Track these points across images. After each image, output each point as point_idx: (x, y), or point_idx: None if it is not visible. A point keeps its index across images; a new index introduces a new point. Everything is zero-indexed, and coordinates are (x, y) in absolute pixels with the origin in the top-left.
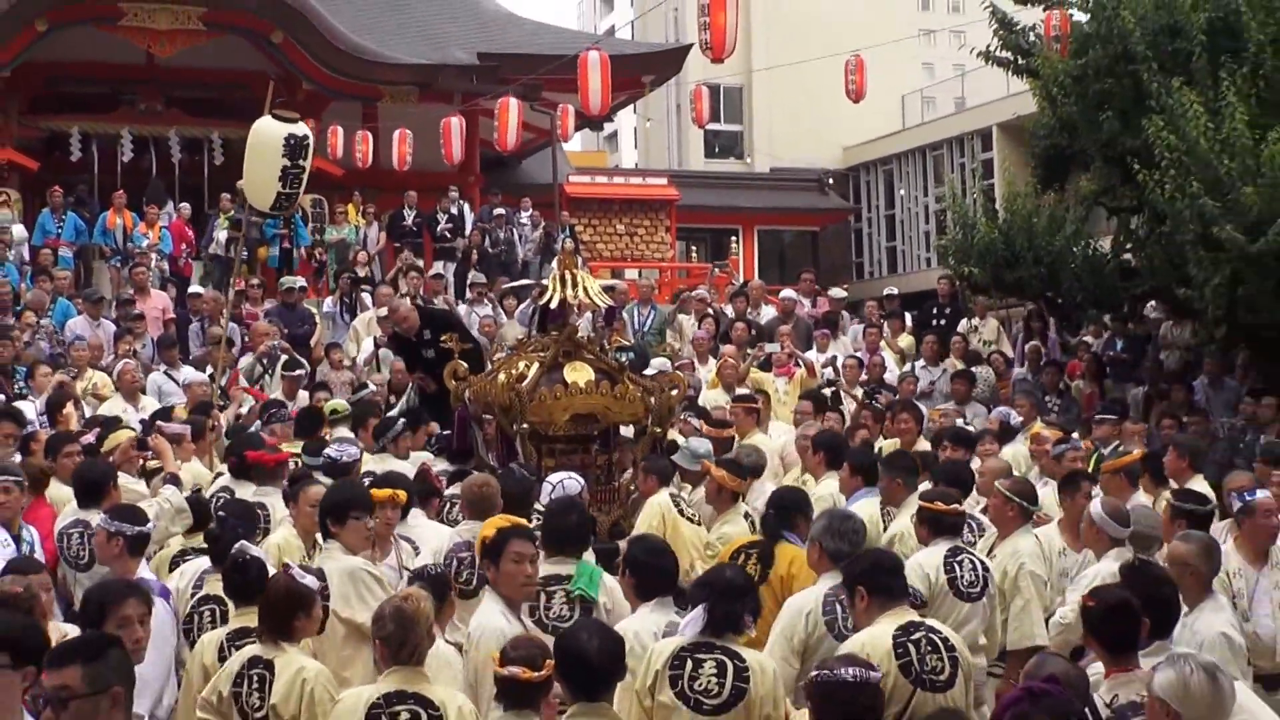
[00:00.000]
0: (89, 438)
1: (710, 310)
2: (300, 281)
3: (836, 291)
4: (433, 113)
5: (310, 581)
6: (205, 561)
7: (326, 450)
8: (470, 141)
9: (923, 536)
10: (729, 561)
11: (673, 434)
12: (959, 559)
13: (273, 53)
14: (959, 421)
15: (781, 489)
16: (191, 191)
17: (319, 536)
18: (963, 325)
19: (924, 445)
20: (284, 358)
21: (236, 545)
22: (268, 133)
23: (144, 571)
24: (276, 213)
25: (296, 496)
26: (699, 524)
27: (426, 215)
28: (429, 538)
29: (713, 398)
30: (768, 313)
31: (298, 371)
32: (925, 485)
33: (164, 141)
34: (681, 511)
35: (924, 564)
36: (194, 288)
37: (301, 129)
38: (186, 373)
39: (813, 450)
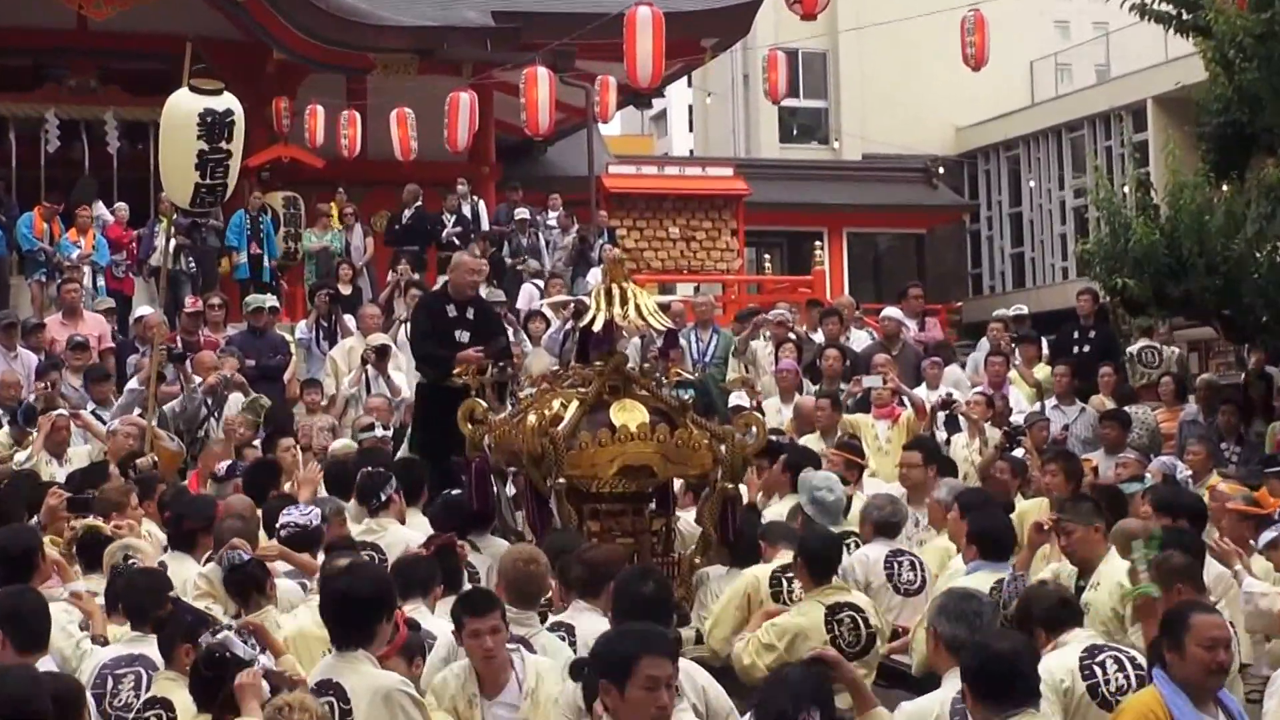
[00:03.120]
0: None
1: (792, 335)
2: (270, 300)
3: (892, 311)
4: (437, 87)
5: None
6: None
7: (286, 518)
8: (484, 123)
9: (1043, 641)
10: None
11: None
12: (1099, 659)
13: (234, 12)
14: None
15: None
16: (133, 188)
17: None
18: (1137, 346)
19: None
20: (231, 397)
21: (219, 636)
22: (181, 109)
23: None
24: (199, 210)
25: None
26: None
27: (429, 216)
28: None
29: None
30: (861, 338)
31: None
32: None
33: (98, 126)
34: (786, 601)
35: (1055, 668)
36: (142, 309)
37: (223, 103)
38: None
39: (960, 513)
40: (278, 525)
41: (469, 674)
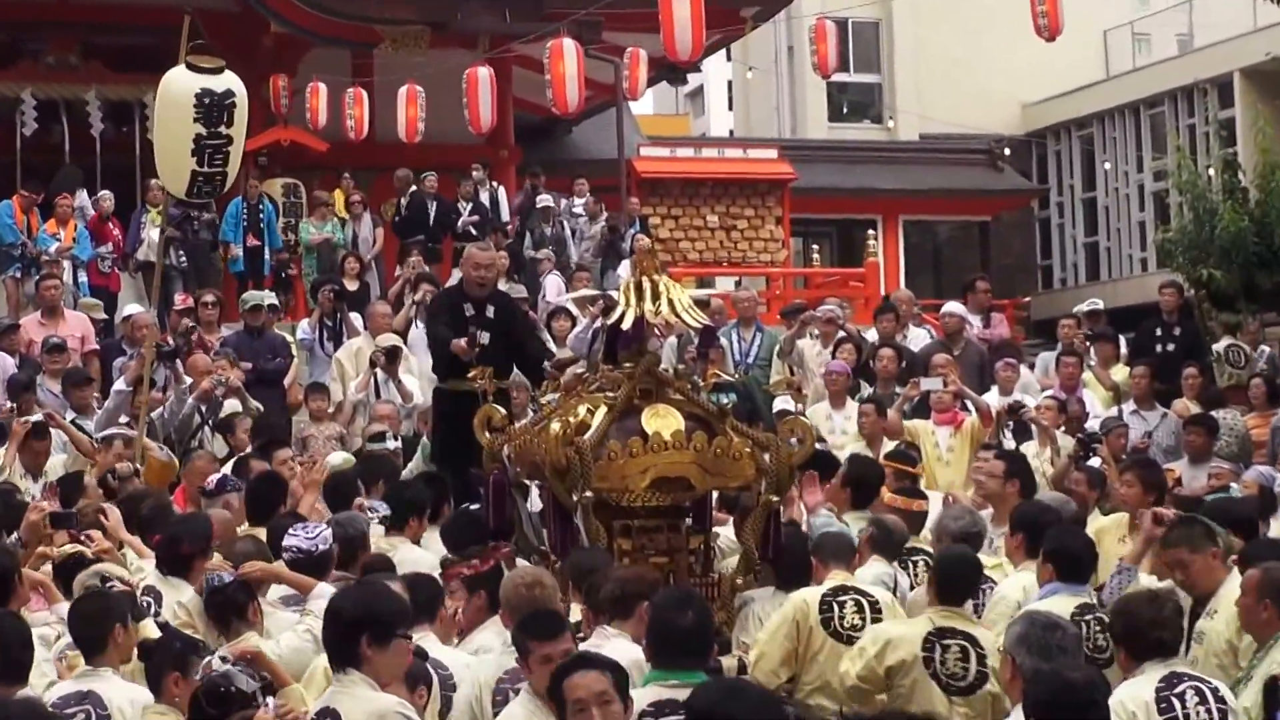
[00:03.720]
0: None
1: (845, 333)
2: (269, 297)
3: (954, 307)
4: (451, 63)
5: None
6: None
7: (290, 541)
8: (503, 102)
9: (1122, 662)
10: None
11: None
12: (1179, 690)
13: None
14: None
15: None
16: (118, 175)
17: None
18: (1223, 345)
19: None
20: (227, 404)
21: (221, 669)
22: (176, 89)
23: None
24: (196, 201)
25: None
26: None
27: (444, 204)
28: (455, 664)
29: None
30: (920, 336)
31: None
32: None
33: (79, 106)
34: (837, 630)
35: (1127, 699)
36: (131, 307)
37: (223, 83)
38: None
39: (1011, 530)
40: (283, 547)
41: (540, 706)
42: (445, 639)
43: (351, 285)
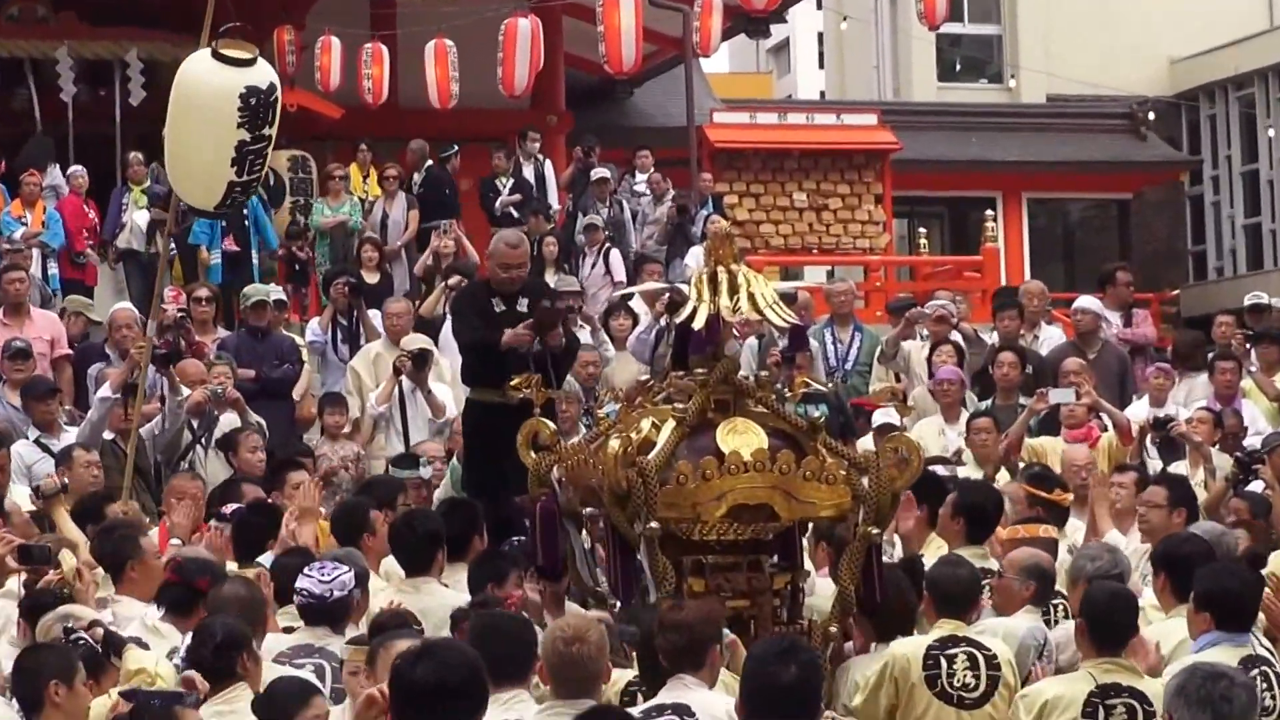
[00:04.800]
0: None
1: (957, 334)
2: (276, 292)
3: (1088, 302)
4: (488, 13)
5: None
6: None
7: (302, 583)
8: (551, 60)
9: None
10: None
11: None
12: None
13: None
14: None
15: None
16: (94, 147)
17: None
18: None
19: None
20: (224, 419)
21: None
22: (207, 83)
23: None
24: (224, 211)
25: (374, 656)
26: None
27: (480, 181)
28: None
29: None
30: (1051, 337)
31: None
32: None
33: (49, 66)
34: (945, 689)
35: None
36: (115, 305)
37: (263, 76)
38: (70, 437)
39: (1154, 569)
40: (293, 589)
41: None
42: None
43: (371, 278)
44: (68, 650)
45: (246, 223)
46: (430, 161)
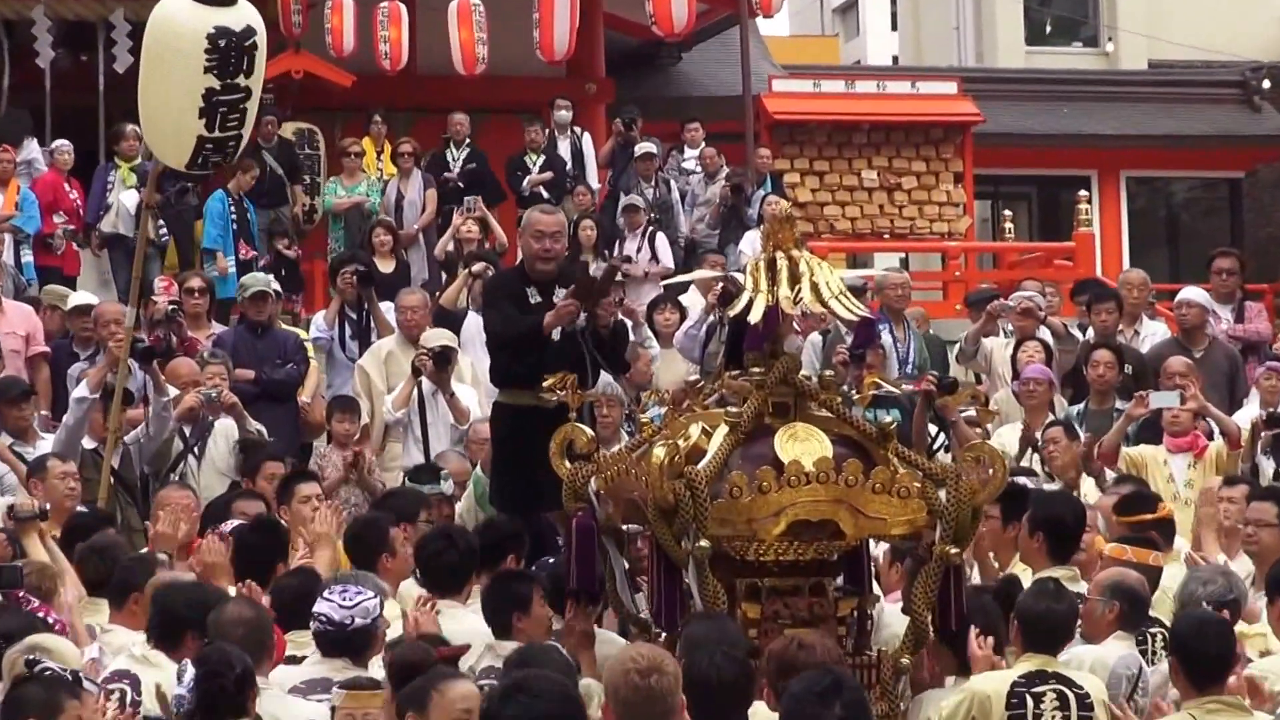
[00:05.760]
0: None
1: (1048, 328)
2: (273, 282)
3: (1194, 294)
4: None
5: None
6: None
7: (321, 606)
8: (590, 21)
9: None
10: None
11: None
12: None
13: None
14: None
15: None
16: (77, 121)
17: None
18: None
19: None
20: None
21: None
22: (176, 26)
23: None
24: (199, 172)
25: (424, 700)
26: None
27: (508, 159)
28: None
29: None
30: (1154, 333)
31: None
32: None
33: (23, 29)
34: None
35: None
36: (82, 295)
37: (241, 17)
38: (46, 446)
39: (1268, 594)
40: (312, 613)
41: None
42: None
43: (385, 266)
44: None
45: (251, 228)
46: (467, 139)
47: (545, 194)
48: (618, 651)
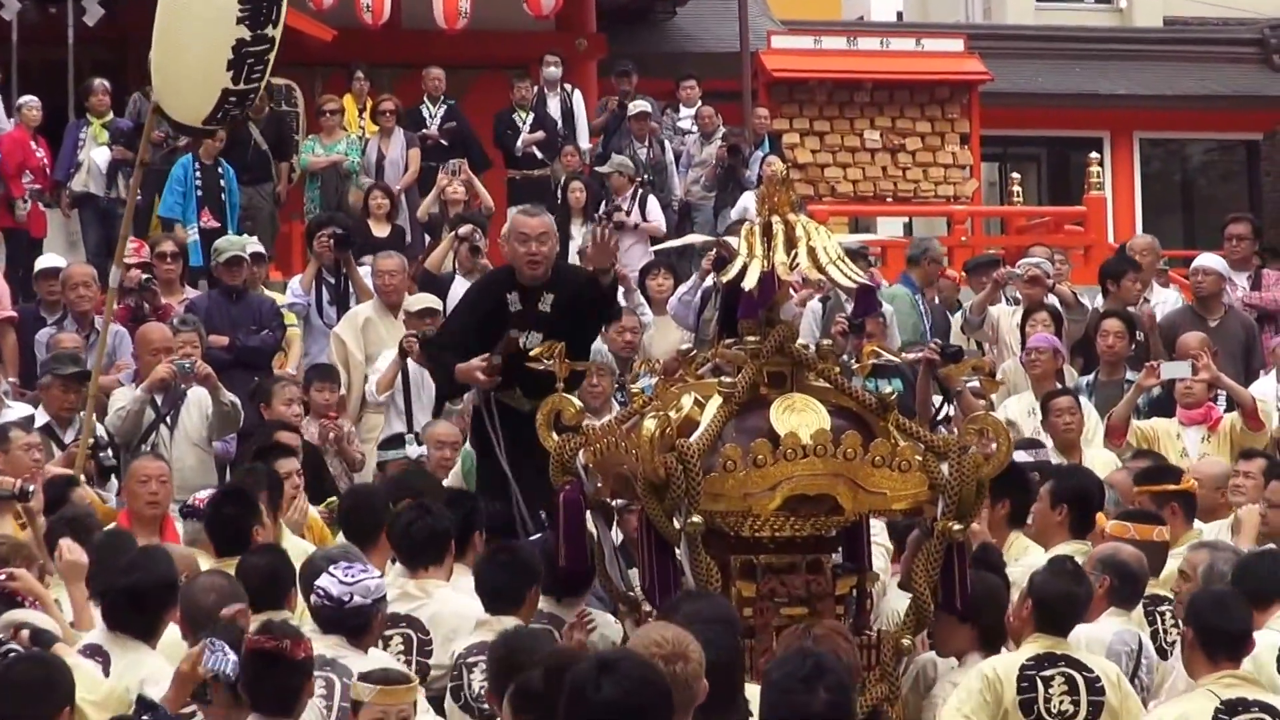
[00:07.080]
0: None
1: (1053, 297)
2: (254, 244)
3: (1209, 260)
4: None
5: None
6: None
7: (322, 580)
8: None
9: None
10: None
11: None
12: None
13: None
14: None
15: None
16: (45, 76)
17: None
18: None
19: None
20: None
21: None
22: None
23: None
24: (212, 126)
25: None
26: None
27: (496, 116)
28: None
29: None
30: (1166, 300)
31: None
32: None
33: None
34: (1042, 715)
35: None
36: (49, 258)
37: None
38: (14, 415)
39: None
40: (313, 587)
41: None
42: None
43: (380, 230)
44: None
45: (224, 196)
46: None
47: (538, 153)
48: (638, 634)
